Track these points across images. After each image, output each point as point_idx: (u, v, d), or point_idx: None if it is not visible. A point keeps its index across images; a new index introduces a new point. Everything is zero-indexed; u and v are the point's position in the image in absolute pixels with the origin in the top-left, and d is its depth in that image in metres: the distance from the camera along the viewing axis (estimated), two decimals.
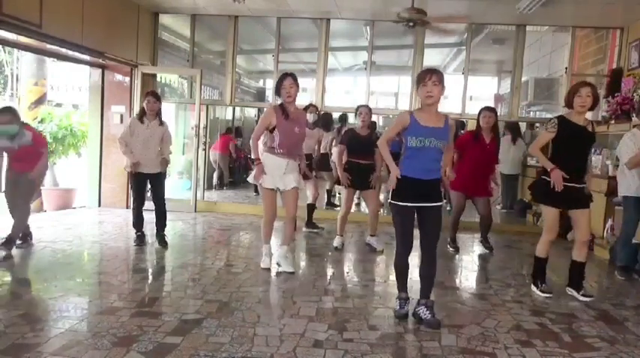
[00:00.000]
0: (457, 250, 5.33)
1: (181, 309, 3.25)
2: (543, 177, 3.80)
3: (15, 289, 3.61)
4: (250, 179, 4.26)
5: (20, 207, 4.60)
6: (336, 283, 4.06)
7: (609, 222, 5.46)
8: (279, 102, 4.17)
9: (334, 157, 7.98)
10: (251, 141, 4.18)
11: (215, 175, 9.72)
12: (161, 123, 5.03)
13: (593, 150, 5.96)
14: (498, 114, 5.55)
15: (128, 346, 2.66)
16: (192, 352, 2.63)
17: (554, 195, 3.69)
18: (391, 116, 10.24)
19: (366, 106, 5.16)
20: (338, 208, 7.28)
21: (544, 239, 3.92)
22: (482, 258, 5.28)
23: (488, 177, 5.19)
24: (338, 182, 5.27)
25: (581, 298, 3.82)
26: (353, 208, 6.03)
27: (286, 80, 4.01)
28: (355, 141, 5.08)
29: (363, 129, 5.07)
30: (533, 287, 3.99)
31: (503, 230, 6.69)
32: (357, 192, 5.47)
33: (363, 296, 3.74)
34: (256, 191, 8.92)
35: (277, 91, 4.12)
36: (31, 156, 4.50)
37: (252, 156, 4.22)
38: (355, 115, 5.19)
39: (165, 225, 5.12)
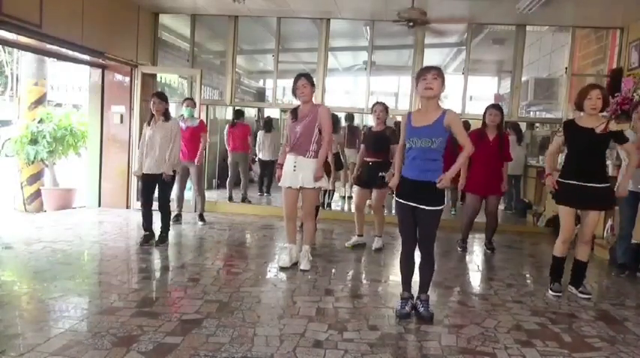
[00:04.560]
0: (465, 251, 5.33)
1: (181, 309, 3.25)
2: (558, 179, 3.87)
3: (15, 289, 3.61)
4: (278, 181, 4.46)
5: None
6: (337, 283, 4.06)
7: (609, 222, 5.46)
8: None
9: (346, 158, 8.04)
10: (282, 147, 4.53)
11: (228, 183, 7.98)
12: (167, 119, 4.97)
13: None
14: None
15: (128, 346, 2.66)
16: (192, 352, 2.63)
17: (568, 195, 3.79)
18: (391, 116, 10.25)
19: (381, 104, 5.14)
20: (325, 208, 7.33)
21: (560, 238, 3.94)
22: (483, 258, 5.27)
23: (499, 174, 5.14)
24: (358, 183, 5.25)
25: (579, 295, 3.86)
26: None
27: (300, 80, 4.14)
28: (367, 138, 5.16)
29: (378, 126, 5.10)
30: (549, 286, 4.02)
31: (503, 230, 6.67)
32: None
33: (363, 296, 3.74)
34: (260, 191, 8.93)
35: (293, 92, 4.19)
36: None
37: (278, 161, 4.53)
38: (371, 113, 5.24)
39: (168, 226, 5.11)
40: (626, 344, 3.02)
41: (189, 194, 6.49)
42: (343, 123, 8.47)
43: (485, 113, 5.14)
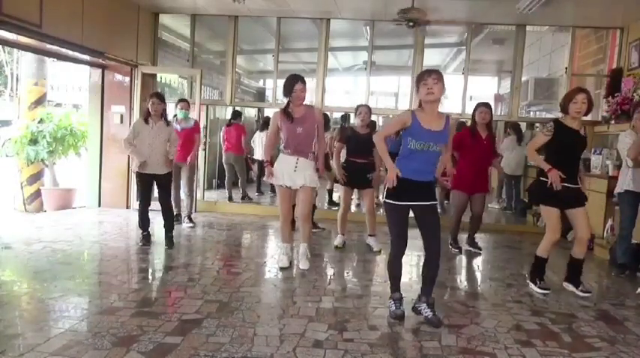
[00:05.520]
0: (460, 250, 5.31)
1: (181, 309, 3.25)
2: (541, 178, 3.86)
3: (15, 289, 3.61)
4: (265, 178, 4.45)
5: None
6: (336, 283, 4.06)
7: (609, 222, 5.47)
8: (286, 102, 4.26)
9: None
10: (264, 146, 4.45)
11: (226, 183, 8.08)
12: (167, 123, 5.05)
13: (593, 150, 6.02)
14: (498, 114, 5.56)
15: (128, 346, 2.66)
16: (192, 352, 2.63)
17: (551, 195, 3.77)
18: (391, 116, 10.25)
19: (366, 106, 5.17)
20: (336, 208, 7.31)
21: (547, 239, 3.93)
22: (483, 258, 5.27)
23: (486, 173, 5.18)
24: (337, 181, 5.27)
25: (580, 294, 3.88)
26: (353, 208, 6.03)
27: (297, 85, 4.10)
28: (354, 139, 5.10)
29: (362, 128, 5.09)
30: (531, 285, 4.02)
31: (503, 230, 6.69)
32: (356, 191, 5.48)
33: (363, 296, 3.74)
34: (259, 191, 8.95)
35: (287, 93, 4.15)
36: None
37: (264, 159, 4.40)
38: (355, 114, 5.20)
39: (172, 226, 5.12)
40: (626, 344, 3.02)
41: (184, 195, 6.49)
42: (341, 123, 8.48)
43: (474, 111, 5.14)
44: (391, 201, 3.18)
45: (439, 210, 7.35)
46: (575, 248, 3.96)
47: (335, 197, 7.77)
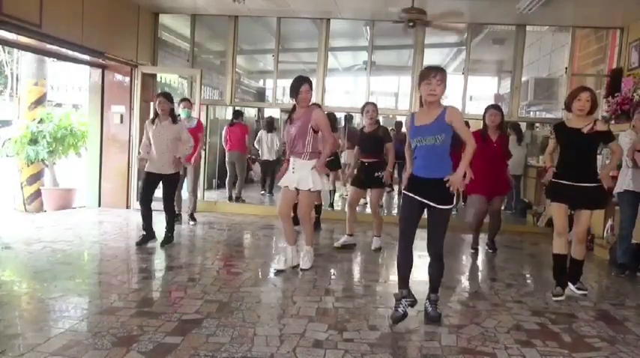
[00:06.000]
0: (477, 252, 5.30)
1: (181, 309, 3.25)
2: (552, 179, 3.94)
3: (15, 289, 3.61)
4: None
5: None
6: (337, 283, 4.06)
7: (609, 222, 5.46)
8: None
9: (345, 159, 8.06)
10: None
11: (227, 182, 8.00)
12: (174, 121, 5.00)
13: None
14: None
15: (128, 346, 2.66)
16: (192, 352, 2.63)
17: (559, 192, 3.85)
18: (391, 116, 10.27)
19: (372, 104, 5.20)
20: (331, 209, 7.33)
21: (554, 234, 3.96)
22: (483, 258, 5.27)
23: (504, 174, 5.17)
24: (353, 182, 5.29)
25: (576, 291, 3.89)
26: (357, 208, 6.02)
27: (303, 86, 4.16)
28: (361, 139, 5.18)
29: (370, 126, 5.13)
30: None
31: (503, 230, 6.64)
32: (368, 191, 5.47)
33: (363, 296, 3.74)
34: (263, 189, 8.95)
35: (294, 95, 4.18)
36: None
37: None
38: (362, 113, 5.23)
39: (173, 227, 5.11)
40: (626, 344, 3.02)
41: (187, 194, 6.49)
42: (342, 123, 8.48)
43: (485, 114, 5.13)
44: (404, 192, 3.28)
45: (454, 211, 7.37)
46: (572, 248, 3.96)
47: (336, 197, 7.78)
